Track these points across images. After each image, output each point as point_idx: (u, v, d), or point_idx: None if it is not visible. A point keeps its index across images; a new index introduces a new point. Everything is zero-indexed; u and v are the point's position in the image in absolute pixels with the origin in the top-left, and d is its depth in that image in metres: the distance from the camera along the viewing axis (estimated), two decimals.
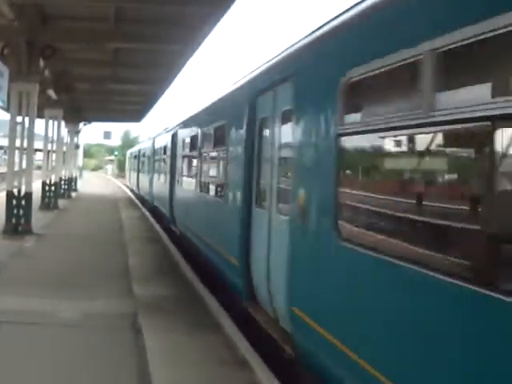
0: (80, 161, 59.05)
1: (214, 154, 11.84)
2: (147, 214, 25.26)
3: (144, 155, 32.76)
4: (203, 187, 12.54)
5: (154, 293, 9.88)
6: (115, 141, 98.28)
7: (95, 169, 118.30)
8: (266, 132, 7.66)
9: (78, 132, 40.60)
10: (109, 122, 56.92)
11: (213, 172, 11.83)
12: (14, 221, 15.98)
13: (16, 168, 17.09)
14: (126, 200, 34.73)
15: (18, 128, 16.34)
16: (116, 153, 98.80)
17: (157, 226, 20.37)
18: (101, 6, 14.51)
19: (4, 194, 16.74)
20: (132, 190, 43.20)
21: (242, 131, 8.52)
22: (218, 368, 6.46)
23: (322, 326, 5.28)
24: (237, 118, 9.01)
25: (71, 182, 36.00)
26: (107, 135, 66.12)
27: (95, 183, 56.78)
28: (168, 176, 19.18)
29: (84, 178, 60.60)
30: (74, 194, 35.44)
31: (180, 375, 6.23)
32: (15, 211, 16.03)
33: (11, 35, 14.91)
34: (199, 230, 12.30)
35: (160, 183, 22.53)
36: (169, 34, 16.47)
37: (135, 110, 39.25)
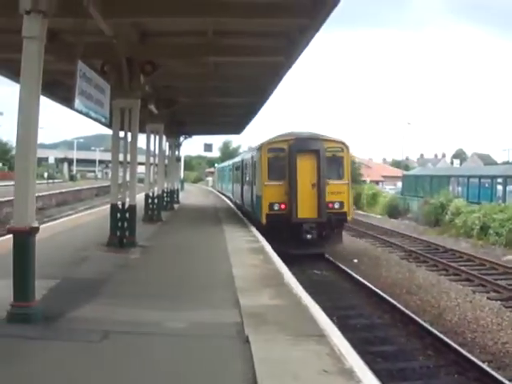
0: (181, 173, 60.36)
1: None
2: (245, 220, 25.42)
3: (224, 170, 55.73)
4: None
5: (259, 303, 9.79)
6: (215, 152, 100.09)
7: (196, 181, 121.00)
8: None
9: (178, 145, 41.55)
10: (209, 135, 57.89)
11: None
12: (118, 233, 16.34)
13: (119, 181, 17.50)
14: (226, 210, 35.33)
15: (121, 142, 16.78)
16: (216, 165, 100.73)
17: (258, 236, 20.29)
18: (199, 20, 14.55)
19: (108, 206, 17.21)
20: (221, 193, 58.73)
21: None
22: (323, 378, 6.30)
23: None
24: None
25: (173, 194, 36.80)
26: (208, 148, 66.92)
27: (196, 195, 58.02)
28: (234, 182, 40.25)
29: (186, 190, 62.02)
30: (176, 206, 36.22)
31: None
32: (119, 224, 16.40)
33: (111, 52, 15.26)
34: None
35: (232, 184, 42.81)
36: (267, 45, 16.41)
37: (235, 123, 39.62)
